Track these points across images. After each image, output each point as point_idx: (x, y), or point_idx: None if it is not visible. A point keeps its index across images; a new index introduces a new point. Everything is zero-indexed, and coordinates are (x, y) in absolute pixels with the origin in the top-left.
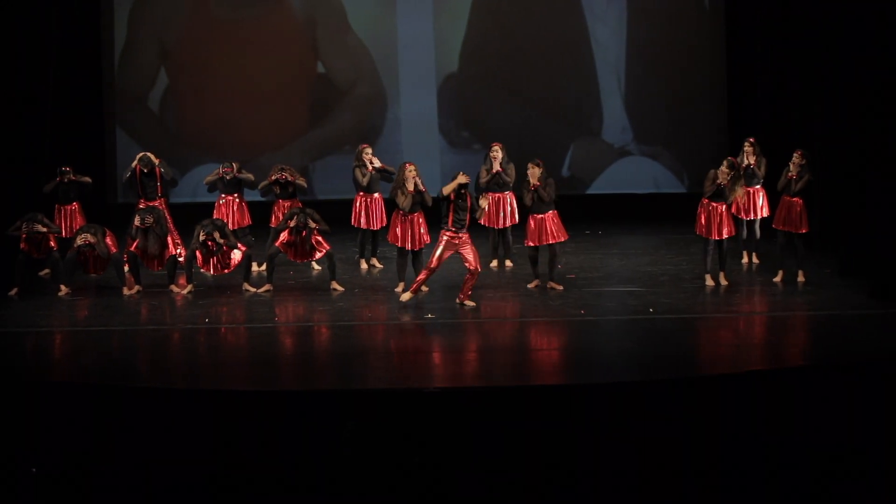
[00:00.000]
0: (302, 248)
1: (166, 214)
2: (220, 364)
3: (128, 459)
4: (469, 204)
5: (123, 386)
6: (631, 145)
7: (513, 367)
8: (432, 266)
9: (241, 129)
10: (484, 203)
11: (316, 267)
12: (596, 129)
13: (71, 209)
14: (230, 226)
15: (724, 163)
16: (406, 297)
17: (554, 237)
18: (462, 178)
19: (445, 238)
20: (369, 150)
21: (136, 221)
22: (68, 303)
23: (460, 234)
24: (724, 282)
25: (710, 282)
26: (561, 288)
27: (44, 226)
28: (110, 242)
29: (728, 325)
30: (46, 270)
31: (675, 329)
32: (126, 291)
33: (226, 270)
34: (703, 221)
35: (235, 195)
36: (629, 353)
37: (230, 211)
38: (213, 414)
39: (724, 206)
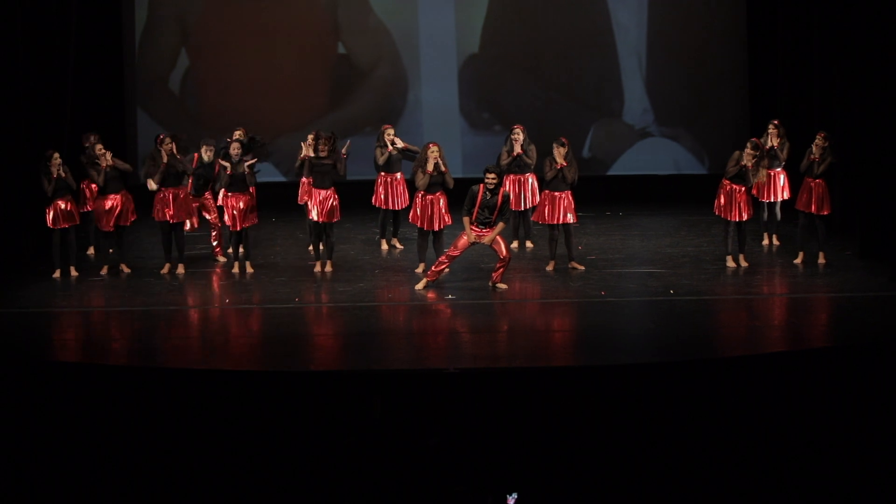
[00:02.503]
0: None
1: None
2: (237, 345)
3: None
4: (499, 203)
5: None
6: (651, 127)
7: (533, 348)
8: (452, 254)
9: (262, 111)
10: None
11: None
12: (617, 110)
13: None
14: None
15: (749, 144)
16: (421, 285)
17: (564, 217)
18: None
19: (466, 234)
20: (391, 131)
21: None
22: (109, 283)
23: (484, 230)
24: (743, 263)
25: (730, 263)
26: (582, 268)
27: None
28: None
29: (748, 306)
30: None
31: (695, 311)
32: (164, 271)
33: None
34: (721, 202)
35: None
36: (649, 334)
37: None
38: (233, 395)
39: (744, 189)
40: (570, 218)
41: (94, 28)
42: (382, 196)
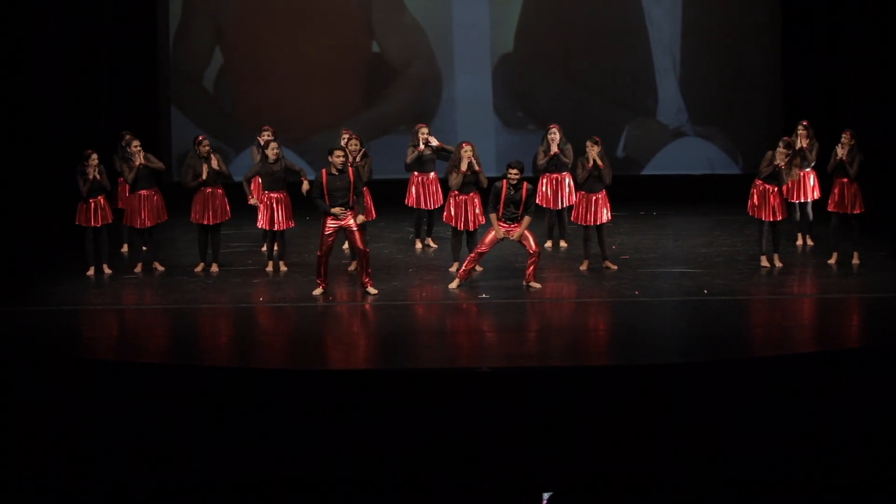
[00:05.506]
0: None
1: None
2: (270, 343)
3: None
4: (524, 198)
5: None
6: (686, 126)
7: (566, 347)
8: (480, 251)
9: (296, 109)
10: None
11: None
12: (651, 109)
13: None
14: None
15: (781, 143)
16: (454, 284)
17: (601, 218)
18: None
19: (494, 229)
20: (425, 130)
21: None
22: (139, 280)
23: (512, 226)
24: (778, 263)
25: (765, 263)
26: (616, 267)
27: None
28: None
29: (782, 306)
30: (125, 246)
31: (728, 311)
32: (198, 269)
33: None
34: (755, 201)
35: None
36: (682, 334)
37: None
38: (265, 394)
39: (777, 189)
40: (606, 217)
41: (129, 26)
42: (415, 196)
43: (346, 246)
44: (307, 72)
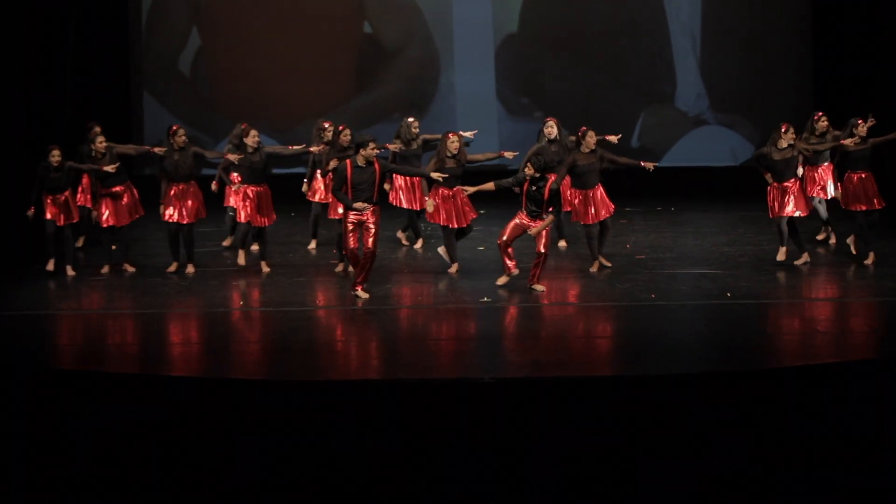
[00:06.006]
0: None
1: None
2: (251, 351)
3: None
4: (545, 197)
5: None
6: (707, 113)
7: (575, 356)
8: (501, 241)
9: (280, 95)
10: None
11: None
12: (668, 95)
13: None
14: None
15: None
16: (502, 280)
17: (601, 214)
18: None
19: (518, 218)
20: (416, 124)
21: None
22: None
23: (533, 221)
24: (803, 259)
25: (781, 256)
26: (609, 265)
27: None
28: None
29: (813, 311)
30: (81, 240)
31: (754, 315)
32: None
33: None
34: (772, 204)
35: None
36: (703, 341)
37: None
38: (247, 407)
39: (793, 184)
40: (605, 213)
41: (97, 4)
42: (401, 194)
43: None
44: (293, 55)
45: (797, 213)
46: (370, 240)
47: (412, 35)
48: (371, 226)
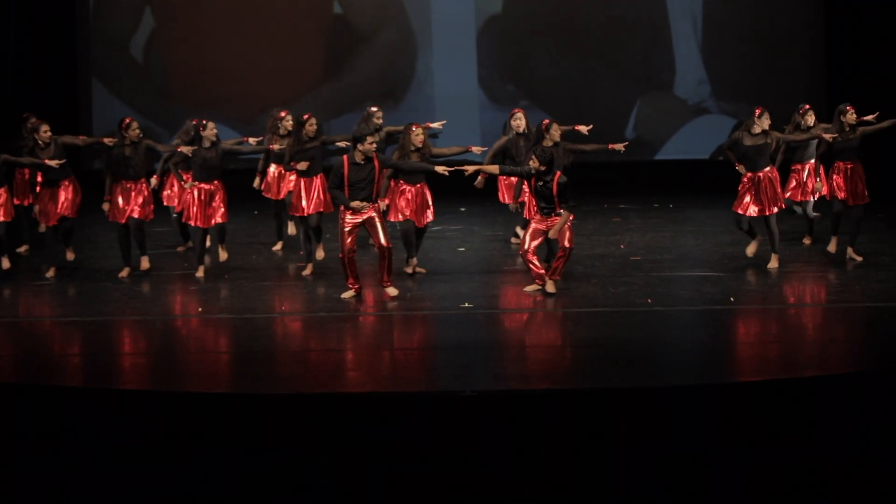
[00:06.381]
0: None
1: None
2: (208, 362)
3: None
4: (554, 192)
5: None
6: (709, 101)
7: (562, 366)
8: (523, 251)
9: (242, 82)
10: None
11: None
12: (667, 82)
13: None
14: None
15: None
16: (532, 288)
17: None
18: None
19: (533, 223)
20: (380, 114)
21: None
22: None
23: (548, 219)
24: (773, 264)
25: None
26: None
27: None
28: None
29: (822, 318)
30: (25, 247)
31: (759, 322)
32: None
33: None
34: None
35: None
36: (704, 349)
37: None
38: (205, 421)
39: (765, 175)
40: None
41: None
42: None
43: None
44: (255, 39)
45: (753, 213)
46: (380, 236)
47: (386, 16)
48: (376, 222)
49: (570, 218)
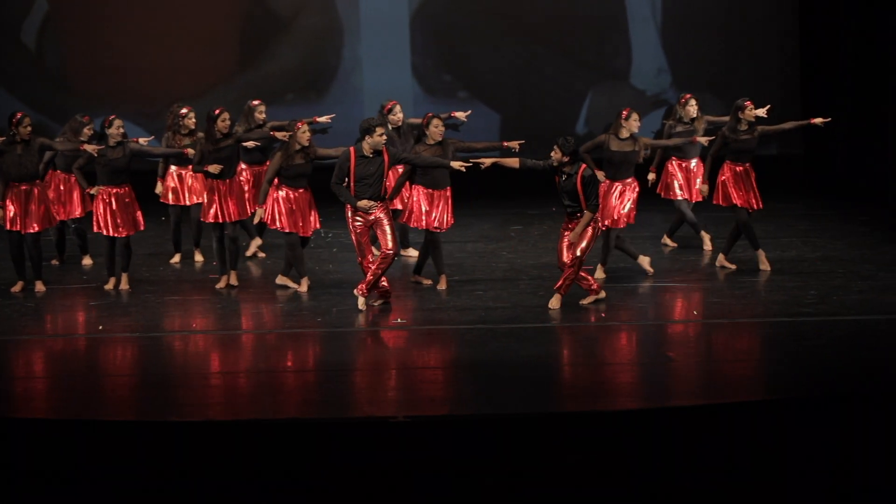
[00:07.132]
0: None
1: None
2: (112, 386)
3: None
4: (578, 187)
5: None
6: (668, 93)
7: (506, 389)
8: (560, 263)
9: (148, 72)
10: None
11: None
12: (622, 71)
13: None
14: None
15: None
16: (589, 300)
17: (447, 221)
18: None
19: (563, 230)
20: (263, 108)
21: None
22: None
23: (573, 222)
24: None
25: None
26: (429, 282)
27: None
28: None
29: (802, 332)
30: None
31: (729, 337)
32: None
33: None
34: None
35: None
36: (665, 370)
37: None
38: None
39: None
40: (451, 220)
41: None
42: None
43: (252, 250)
44: (163, 23)
45: (605, 225)
46: (387, 239)
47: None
48: (385, 224)
49: (595, 219)
